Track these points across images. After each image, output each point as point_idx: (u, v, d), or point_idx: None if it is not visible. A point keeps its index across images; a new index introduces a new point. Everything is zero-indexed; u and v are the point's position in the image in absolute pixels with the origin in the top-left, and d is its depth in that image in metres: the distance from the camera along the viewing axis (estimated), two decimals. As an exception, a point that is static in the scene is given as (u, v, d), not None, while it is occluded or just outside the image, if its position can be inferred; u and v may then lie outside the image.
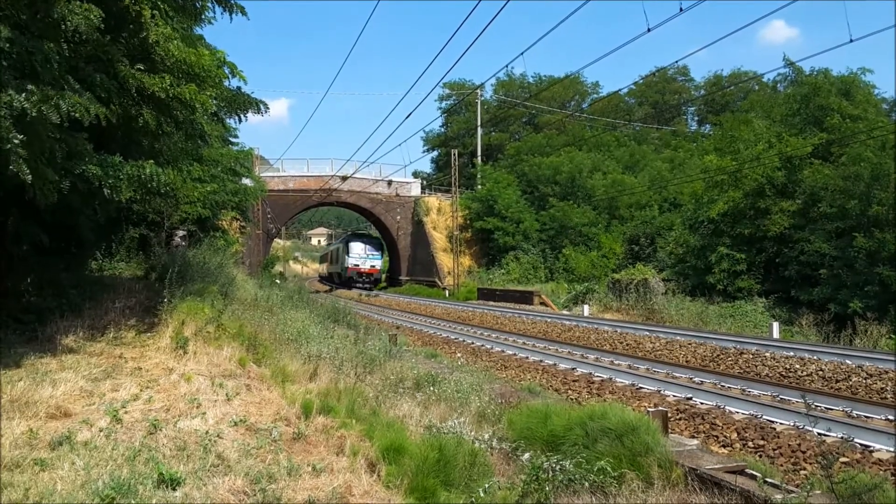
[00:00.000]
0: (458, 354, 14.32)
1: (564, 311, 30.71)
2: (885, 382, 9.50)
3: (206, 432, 6.12)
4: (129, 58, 9.22)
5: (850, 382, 9.83)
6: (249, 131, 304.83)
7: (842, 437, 7.03)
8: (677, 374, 11.13)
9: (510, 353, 14.60)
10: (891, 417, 7.69)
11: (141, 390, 7.19)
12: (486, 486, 5.45)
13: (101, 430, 6.02)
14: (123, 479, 4.99)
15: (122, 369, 7.89)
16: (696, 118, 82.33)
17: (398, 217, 57.26)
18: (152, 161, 9.14)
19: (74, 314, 9.78)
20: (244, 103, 11.21)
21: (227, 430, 6.25)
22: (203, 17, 11.08)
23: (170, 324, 9.20)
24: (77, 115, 7.47)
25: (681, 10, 11.73)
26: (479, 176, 58.58)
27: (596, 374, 11.55)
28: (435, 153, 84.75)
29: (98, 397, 6.93)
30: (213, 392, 7.25)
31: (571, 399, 9.98)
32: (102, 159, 8.57)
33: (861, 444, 6.86)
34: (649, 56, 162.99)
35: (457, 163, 61.43)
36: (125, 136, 10.05)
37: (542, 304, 33.38)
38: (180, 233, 16.81)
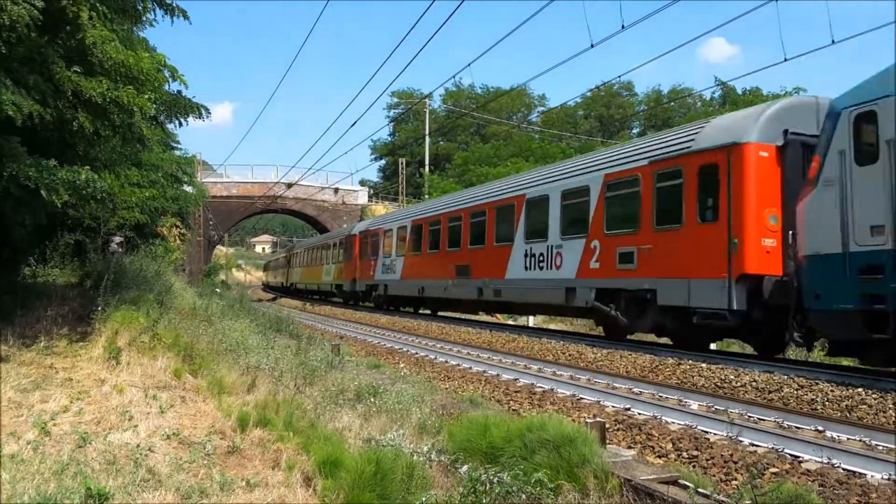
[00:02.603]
0: (402, 365, 14.27)
1: (509, 322, 30.90)
2: (816, 394, 9.77)
3: (138, 446, 5.98)
4: (66, 60, 9.00)
5: (783, 393, 10.08)
6: (192, 135, 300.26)
7: (772, 448, 7.21)
8: (617, 385, 11.27)
9: (454, 363, 14.60)
10: (819, 428, 7.92)
11: (71, 402, 7.00)
12: (424, 499, 5.43)
13: (28, 443, 5.85)
14: (50, 493, 4.85)
15: (53, 380, 7.67)
16: (639, 132, 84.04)
17: (345, 225, 57.36)
18: (88, 167, 8.92)
19: (5, 322, 9.48)
20: (185, 108, 11.04)
21: (159, 444, 6.11)
22: (144, 18, 10.88)
23: (103, 333, 8.97)
24: (10, 112, 7.26)
25: (623, 27, 11.94)
26: (426, 185, 58.75)
27: (538, 384, 11.61)
28: (382, 162, 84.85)
29: (27, 409, 6.72)
30: (146, 404, 7.09)
31: (513, 410, 10.01)
32: (37, 162, 8.34)
33: (791, 455, 7.03)
34: (596, 69, 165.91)
35: (404, 171, 61.57)
36: (60, 141, 9.79)
37: (488, 314, 33.53)
38: (117, 239, 16.42)
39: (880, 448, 7.15)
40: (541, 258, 18.81)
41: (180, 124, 11.50)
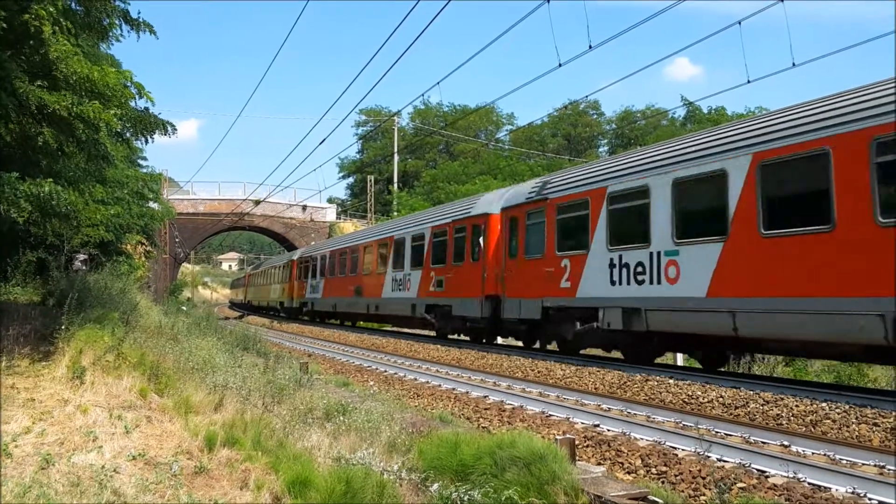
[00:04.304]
0: (371, 383, 14.19)
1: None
2: (781, 409, 9.90)
3: (102, 467, 5.87)
4: (30, 74, 8.87)
5: (748, 409, 10.19)
6: (157, 152, 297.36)
7: (739, 463, 7.29)
8: (586, 401, 11.31)
9: (423, 380, 14.56)
10: (785, 443, 8.03)
11: (33, 423, 6.85)
12: (394, 518, 5.40)
13: (-12, 466, 5.70)
14: (11, 517, 4.74)
15: (14, 400, 7.49)
16: (608, 150, 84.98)
17: (313, 243, 56.91)
18: (51, 180, 8.78)
19: (-36, 342, 9.26)
20: (151, 124, 10.92)
21: (124, 465, 6.00)
22: (110, 34, 10.78)
23: (67, 352, 8.79)
24: None
25: (590, 47, 12.13)
26: (395, 202, 58.79)
27: (507, 401, 11.62)
28: (350, 179, 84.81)
29: (-14, 431, 6.56)
30: (111, 424, 6.95)
31: (483, 427, 10.00)
32: None
33: (757, 470, 7.11)
34: (564, 89, 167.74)
35: (373, 189, 61.49)
36: (23, 157, 9.64)
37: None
38: (81, 257, 16.16)
39: (844, 462, 7.26)
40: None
41: (147, 141, 11.36)
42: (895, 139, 10.02)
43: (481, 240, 20.40)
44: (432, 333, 25.48)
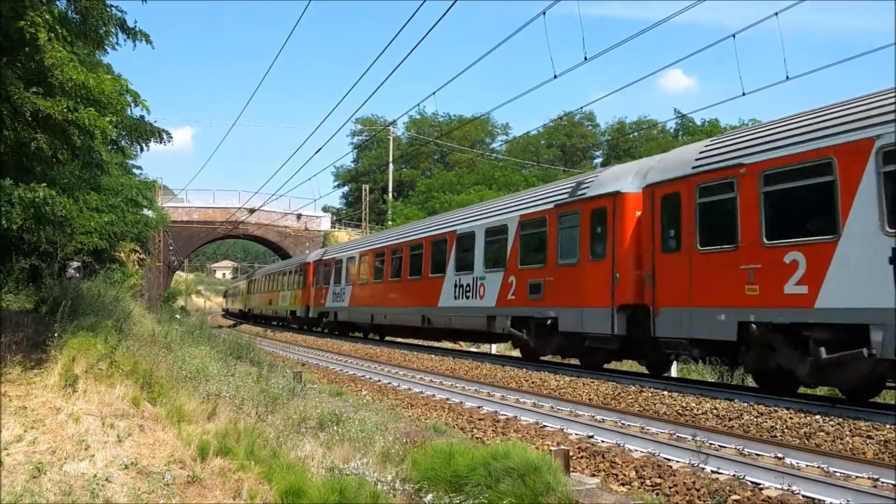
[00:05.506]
0: (364, 392, 14.15)
1: (472, 349, 30.86)
2: (775, 421, 9.90)
3: (94, 476, 5.84)
4: (25, 81, 8.86)
5: (743, 420, 10.20)
6: (151, 159, 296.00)
7: (734, 475, 7.28)
8: (580, 412, 11.30)
9: (417, 390, 14.53)
10: (779, 455, 8.02)
11: (25, 431, 6.81)
12: (388, 528, 5.37)
13: (-23, 475, 5.66)
14: (1, 527, 4.70)
15: (6, 408, 7.44)
16: (602, 162, 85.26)
17: (307, 251, 56.85)
18: (45, 184, 8.75)
19: (-44, 349, 9.19)
20: (146, 132, 10.89)
21: (116, 474, 5.97)
22: (106, 42, 10.77)
23: (59, 360, 8.74)
24: None
25: (585, 58, 12.21)
26: (389, 212, 58.80)
27: (501, 412, 11.60)
28: (345, 188, 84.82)
29: (-24, 439, 6.51)
30: (104, 433, 6.91)
31: (477, 438, 9.98)
32: None
33: (752, 482, 7.10)
34: (559, 100, 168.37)
35: (368, 198, 61.52)
36: (16, 164, 9.60)
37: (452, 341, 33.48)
38: (74, 264, 16.11)
39: (838, 475, 7.26)
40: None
41: (142, 149, 11.34)
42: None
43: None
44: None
